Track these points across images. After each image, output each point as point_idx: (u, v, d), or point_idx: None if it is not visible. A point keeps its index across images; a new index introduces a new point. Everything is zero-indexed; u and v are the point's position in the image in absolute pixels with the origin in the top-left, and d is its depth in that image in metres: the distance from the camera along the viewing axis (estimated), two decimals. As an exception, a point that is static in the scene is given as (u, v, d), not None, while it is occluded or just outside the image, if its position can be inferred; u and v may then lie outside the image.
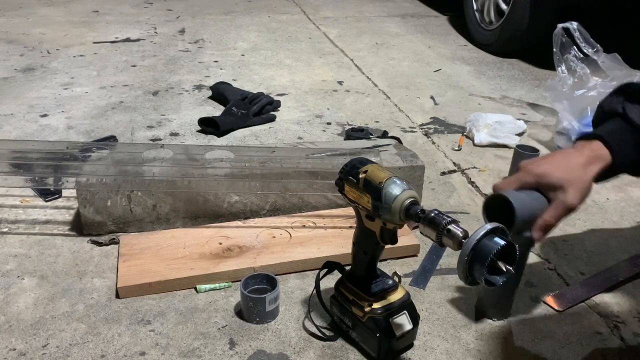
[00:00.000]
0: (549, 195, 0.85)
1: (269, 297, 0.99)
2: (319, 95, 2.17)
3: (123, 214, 1.24)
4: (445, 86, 2.31)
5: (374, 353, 0.92)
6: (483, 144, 1.76)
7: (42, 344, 0.95)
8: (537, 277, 1.16)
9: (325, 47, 2.83)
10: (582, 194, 0.84)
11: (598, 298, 1.11)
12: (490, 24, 2.82)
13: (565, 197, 0.83)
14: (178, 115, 1.93)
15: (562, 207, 0.83)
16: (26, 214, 1.34)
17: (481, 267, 0.71)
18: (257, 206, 1.30)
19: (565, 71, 1.83)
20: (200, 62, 2.51)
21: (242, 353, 0.95)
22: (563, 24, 1.82)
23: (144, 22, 3.18)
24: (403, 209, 0.80)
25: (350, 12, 3.63)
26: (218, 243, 1.18)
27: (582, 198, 0.84)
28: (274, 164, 1.28)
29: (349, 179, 0.88)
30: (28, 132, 1.78)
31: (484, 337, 1.00)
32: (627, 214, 1.42)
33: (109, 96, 2.09)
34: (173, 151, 1.31)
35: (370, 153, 1.34)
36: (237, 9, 3.61)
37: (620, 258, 1.24)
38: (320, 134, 1.81)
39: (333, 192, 1.14)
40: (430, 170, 1.57)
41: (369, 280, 0.93)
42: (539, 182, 0.85)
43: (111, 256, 1.18)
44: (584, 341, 1.00)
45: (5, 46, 2.67)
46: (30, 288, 1.09)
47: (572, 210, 0.84)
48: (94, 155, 1.30)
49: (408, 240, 1.21)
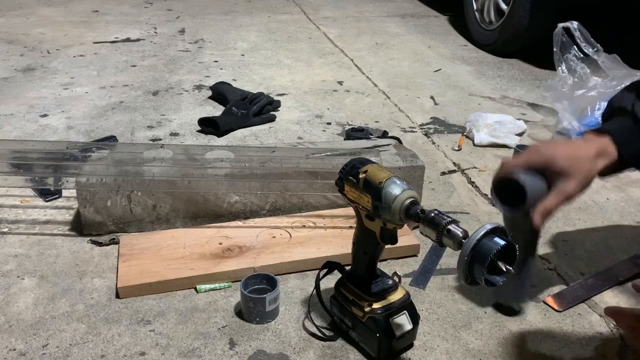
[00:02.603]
0: (552, 180, 0.86)
1: (269, 297, 0.99)
2: (319, 95, 2.17)
3: (123, 214, 1.24)
4: (445, 86, 2.31)
5: (374, 353, 0.92)
6: (483, 144, 1.76)
7: (42, 344, 0.95)
8: (537, 277, 1.16)
9: (325, 47, 2.83)
10: (583, 185, 0.86)
11: (598, 298, 1.11)
12: (490, 24, 2.82)
13: (567, 185, 0.85)
14: (178, 115, 1.93)
15: (562, 195, 0.85)
16: (26, 214, 1.34)
17: (481, 267, 0.71)
18: (257, 206, 1.30)
19: (566, 71, 1.83)
20: (200, 62, 2.51)
21: (242, 353, 0.95)
22: (563, 23, 1.82)
23: (144, 22, 3.18)
24: (403, 209, 0.80)
25: (350, 12, 3.63)
26: (218, 243, 1.18)
27: (582, 189, 0.86)
28: (274, 164, 1.28)
29: (349, 179, 0.88)
30: (28, 132, 1.78)
31: (484, 337, 1.00)
32: (627, 214, 1.42)
33: (109, 96, 2.09)
34: (173, 151, 1.31)
35: (370, 153, 1.34)
36: (237, 9, 3.61)
37: (620, 258, 1.24)
38: (320, 134, 1.81)
39: (333, 192, 1.14)
40: (430, 170, 1.57)
41: (369, 280, 0.93)
42: (546, 164, 0.86)
43: (111, 256, 1.18)
44: (584, 341, 1.00)
45: (5, 46, 2.67)
46: (30, 288, 1.09)
47: (571, 199, 0.86)
48: (94, 155, 1.30)
49: (408, 240, 1.21)
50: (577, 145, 0.89)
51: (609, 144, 0.88)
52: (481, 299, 1.09)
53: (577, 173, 0.85)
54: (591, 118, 1.72)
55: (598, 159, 0.87)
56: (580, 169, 0.86)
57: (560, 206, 0.86)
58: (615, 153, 0.88)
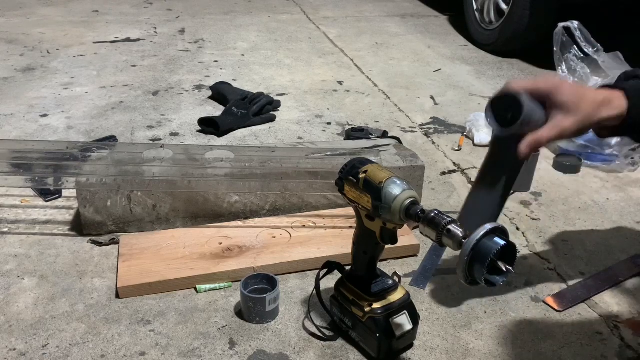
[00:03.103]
0: (551, 111, 0.84)
1: (269, 297, 0.99)
2: (319, 95, 2.17)
3: (123, 214, 1.24)
4: (445, 86, 2.31)
5: (374, 353, 0.92)
6: (483, 144, 1.76)
7: (42, 344, 0.95)
8: (537, 277, 1.16)
9: (325, 47, 2.83)
10: (580, 127, 0.84)
11: (598, 298, 1.11)
12: (490, 24, 2.82)
13: (564, 120, 0.83)
14: (178, 115, 1.93)
15: (557, 129, 0.84)
16: (26, 214, 1.34)
17: (481, 267, 0.71)
18: (257, 206, 1.30)
19: (566, 71, 1.83)
20: (200, 62, 2.51)
21: (242, 353, 0.95)
22: (563, 23, 1.82)
23: (144, 22, 3.18)
24: (403, 209, 0.80)
25: (350, 12, 3.63)
26: (218, 243, 1.18)
27: (578, 131, 0.85)
28: (274, 164, 1.28)
29: (349, 179, 0.88)
30: (28, 132, 1.78)
31: (484, 337, 1.00)
32: (627, 214, 1.42)
33: (109, 96, 2.09)
34: (173, 151, 1.31)
35: (370, 153, 1.34)
36: (237, 9, 3.60)
37: (620, 258, 1.24)
38: (320, 134, 1.81)
39: (333, 192, 1.14)
40: (430, 170, 1.57)
41: (369, 280, 0.93)
42: (551, 92, 0.84)
43: (111, 256, 1.18)
44: (584, 341, 1.00)
45: (5, 46, 2.67)
46: (30, 288, 1.09)
47: (564, 136, 0.85)
48: (94, 155, 1.30)
49: (408, 240, 1.21)
50: (587, 89, 0.86)
51: (620, 97, 0.85)
52: (481, 299, 1.09)
53: (577, 111, 0.83)
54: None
55: (603, 107, 0.84)
56: (582, 108, 0.83)
57: (551, 140, 0.85)
58: (625, 106, 0.84)
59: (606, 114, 0.84)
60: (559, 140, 0.86)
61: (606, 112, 0.84)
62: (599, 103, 0.84)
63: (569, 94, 0.84)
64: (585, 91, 0.85)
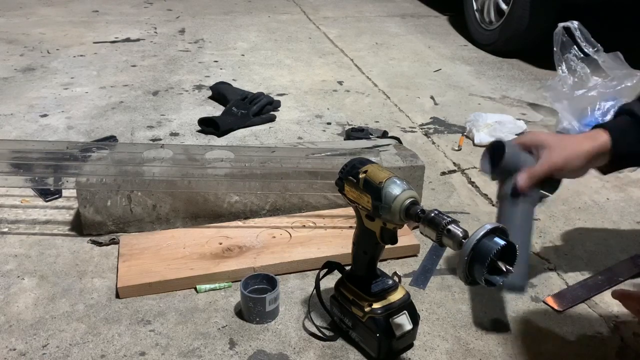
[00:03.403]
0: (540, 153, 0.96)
1: (269, 297, 0.99)
2: (319, 95, 2.17)
3: (123, 214, 1.24)
4: (445, 86, 2.31)
5: (374, 353, 0.92)
6: (483, 144, 1.76)
7: (42, 344, 0.95)
8: (537, 277, 1.16)
9: (325, 47, 2.83)
10: (566, 157, 0.95)
11: (598, 298, 1.11)
12: (490, 24, 2.82)
13: (550, 155, 0.95)
14: (178, 115, 1.93)
15: (547, 163, 0.95)
16: (26, 214, 1.34)
17: (481, 267, 0.71)
18: (257, 206, 1.30)
19: (566, 71, 1.83)
20: (200, 62, 2.51)
21: (242, 353, 0.95)
22: (563, 23, 1.82)
23: (144, 22, 3.19)
24: (403, 209, 0.80)
25: (350, 12, 3.63)
26: (218, 243, 1.18)
27: (566, 161, 0.95)
28: (274, 164, 1.28)
29: (349, 179, 0.88)
30: (28, 132, 1.78)
31: (484, 337, 1.00)
32: (627, 214, 1.41)
33: (109, 96, 2.09)
34: (173, 151, 1.31)
35: (370, 153, 1.34)
36: (237, 9, 3.61)
37: (620, 258, 1.23)
38: (320, 134, 1.81)
39: (333, 192, 1.14)
40: (430, 170, 1.57)
41: (369, 280, 0.93)
42: (536, 142, 0.98)
43: (111, 256, 1.18)
44: (584, 341, 1.00)
45: (5, 46, 2.67)
46: (30, 288, 1.09)
47: (555, 169, 0.95)
48: (94, 155, 1.30)
49: (408, 240, 1.21)
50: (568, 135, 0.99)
51: (601, 133, 0.95)
52: (481, 298, 1.09)
53: (562, 147, 0.95)
54: (591, 118, 1.72)
55: (586, 141, 0.95)
56: (567, 144, 0.96)
57: (544, 174, 0.95)
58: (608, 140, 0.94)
59: (590, 146, 0.95)
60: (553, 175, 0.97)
61: (589, 144, 0.95)
62: (581, 139, 0.96)
63: (552, 139, 0.98)
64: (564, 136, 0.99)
